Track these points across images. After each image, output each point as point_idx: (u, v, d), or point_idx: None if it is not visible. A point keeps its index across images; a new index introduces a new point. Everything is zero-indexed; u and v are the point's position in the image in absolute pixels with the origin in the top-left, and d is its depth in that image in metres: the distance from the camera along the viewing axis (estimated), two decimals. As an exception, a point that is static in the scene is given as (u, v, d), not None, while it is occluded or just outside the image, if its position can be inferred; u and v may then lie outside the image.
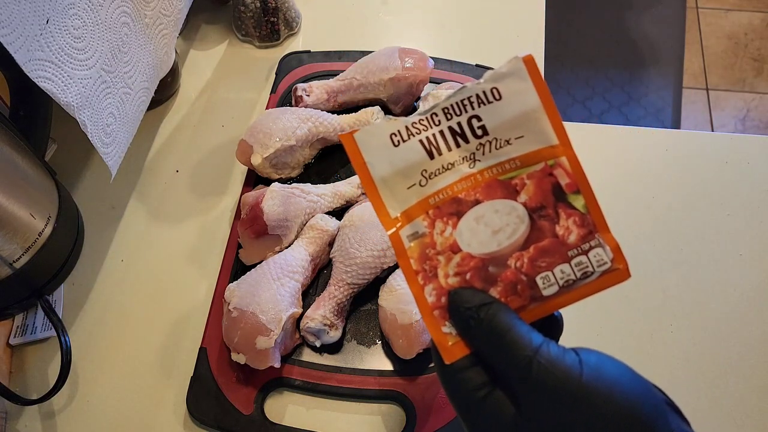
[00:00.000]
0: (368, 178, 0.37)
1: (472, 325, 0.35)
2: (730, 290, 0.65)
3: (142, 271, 0.68)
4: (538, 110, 0.37)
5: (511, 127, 0.37)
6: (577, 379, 0.32)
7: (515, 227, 0.36)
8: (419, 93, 0.73)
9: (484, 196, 0.37)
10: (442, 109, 0.37)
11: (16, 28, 0.47)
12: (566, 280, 0.36)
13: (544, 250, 0.36)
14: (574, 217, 0.36)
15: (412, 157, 0.37)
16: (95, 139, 0.59)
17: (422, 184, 0.37)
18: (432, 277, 0.37)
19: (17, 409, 0.60)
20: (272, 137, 0.66)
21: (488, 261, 0.36)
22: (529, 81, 0.37)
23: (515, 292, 0.36)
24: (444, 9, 0.88)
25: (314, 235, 0.63)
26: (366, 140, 0.37)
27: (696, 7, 2.12)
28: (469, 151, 0.37)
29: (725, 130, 1.87)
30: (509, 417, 0.33)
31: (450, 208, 0.37)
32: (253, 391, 0.58)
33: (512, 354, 0.33)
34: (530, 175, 0.37)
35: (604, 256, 0.36)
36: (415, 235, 0.37)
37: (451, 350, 0.36)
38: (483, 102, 0.37)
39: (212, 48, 0.86)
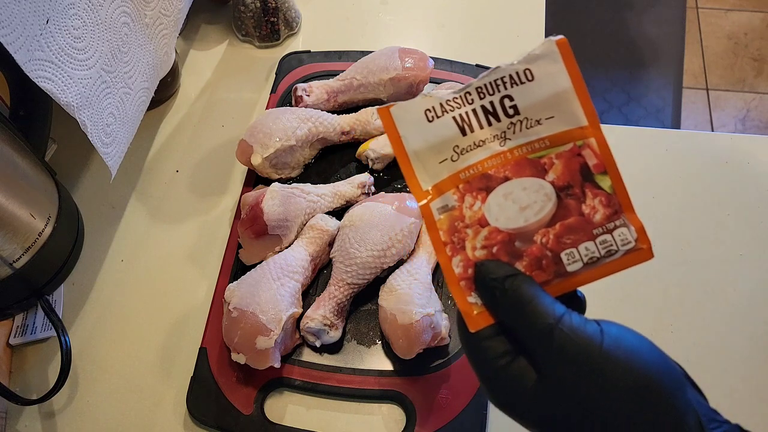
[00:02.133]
0: (402, 151, 0.39)
1: (497, 295, 0.36)
2: (730, 290, 0.65)
3: (142, 271, 0.68)
4: (569, 92, 0.38)
5: (542, 108, 0.38)
6: (597, 348, 0.33)
7: (542, 205, 0.38)
8: (419, 93, 0.73)
9: (514, 173, 0.38)
10: (475, 88, 0.38)
11: (16, 28, 0.47)
12: (590, 257, 0.37)
13: (569, 227, 0.37)
14: (601, 197, 0.38)
15: (445, 132, 0.38)
16: (95, 139, 0.59)
17: (454, 160, 0.38)
18: (460, 249, 0.38)
19: (17, 409, 0.60)
20: (272, 137, 0.66)
21: (515, 236, 0.38)
22: (562, 63, 0.38)
23: (540, 267, 0.37)
24: (444, 9, 0.88)
25: (314, 235, 0.63)
26: (401, 115, 0.39)
27: (696, 7, 2.12)
28: (500, 130, 0.38)
29: (725, 130, 1.87)
30: (530, 383, 0.34)
31: (480, 183, 0.38)
32: (253, 391, 0.58)
33: (535, 322, 0.34)
34: (559, 154, 0.38)
35: (629, 235, 0.37)
36: (445, 208, 0.38)
37: (476, 319, 0.37)
38: (515, 82, 0.38)
39: (212, 48, 0.86)
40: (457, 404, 0.57)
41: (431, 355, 0.59)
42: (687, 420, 0.32)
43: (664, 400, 0.32)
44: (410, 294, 0.57)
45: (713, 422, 0.33)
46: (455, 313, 0.61)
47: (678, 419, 0.32)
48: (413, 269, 0.60)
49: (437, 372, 0.58)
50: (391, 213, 0.61)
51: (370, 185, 0.68)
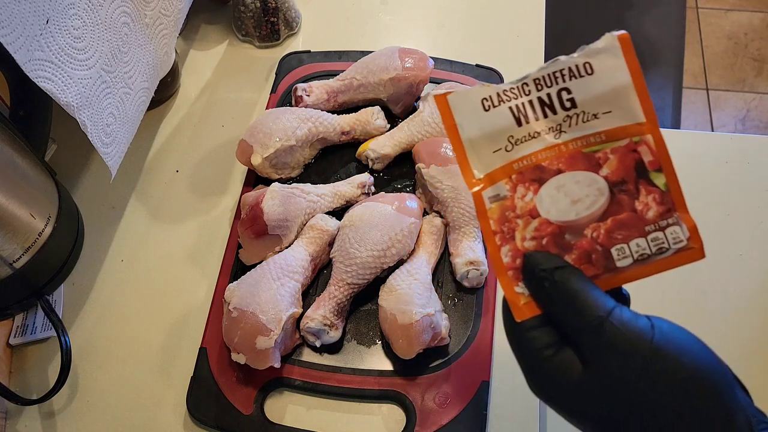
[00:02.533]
0: (457, 138, 0.39)
1: (546, 287, 0.36)
2: (730, 290, 0.65)
3: (142, 271, 0.68)
4: (628, 87, 0.38)
5: (600, 102, 0.38)
6: (648, 342, 0.33)
7: (595, 199, 0.38)
8: (419, 93, 0.73)
9: (567, 166, 0.38)
10: (533, 79, 0.38)
11: (16, 28, 0.47)
12: (641, 254, 0.37)
13: (621, 223, 0.37)
14: (654, 194, 0.38)
15: (501, 122, 0.38)
16: (95, 139, 0.59)
17: (508, 150, 0.38)
18: (509, 239, 0.38)
19: (17, 409, 0.60)
20: (272, 137, 0.66)
21: (565, 229, 0.38)
22: (622, 58, 0.38)
23: (589, 261, 0.37)
24: (444, 9, 0.88)
25: (314, 235, 0.63)
26: (458, 102, 0.39)
27: (696, 7, 2.12)
28: (555, 122, 0.38)
29: (725, 130, 1.87)
30: (576, 375, 0.34)
31: (533, 174, 0.38)
32: (253, 391, 0.58)
33: (585, 314, 0.34)
34: (614, 150, 0.38)
35: (681, 234, 0.38)
36: (497, 198, 0.38)
37: (522, 309, 0.37)
38: (574, 75, 0.38)
39: (212, 48, 0.86)
40: (457, 404, 0.57)
41: (431, 355, 0.59)
42: (737, 418, 0.32)
43: (715, 397, 0.32)
44: (410, 294, 0.57)
45: (761, 424, 0.33)
46: (455, 314, 0.61)
47: (728, 417, 0.32)
48: (413, 269, 0.60)
49: (437, 372, 0.58)
50: (391, 213, 0.61)
51: (370, 185, 0.68)
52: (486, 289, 0.63)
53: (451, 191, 0.63)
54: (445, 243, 0.65)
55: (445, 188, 0.63)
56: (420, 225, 0.64)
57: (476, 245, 0.62)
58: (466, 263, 0.61)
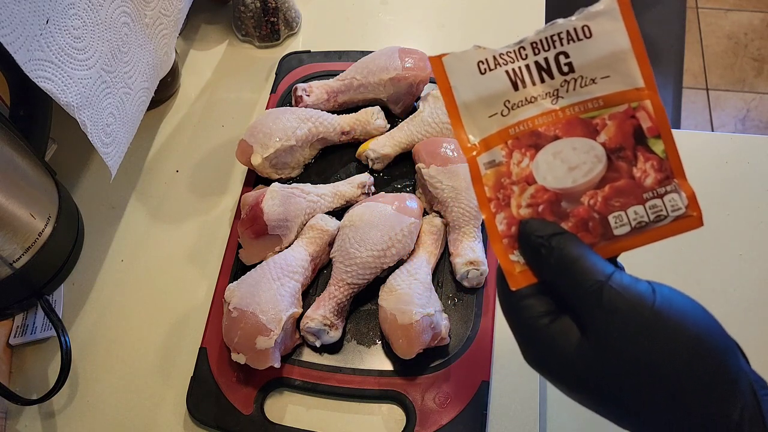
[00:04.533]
0: (452, 101, 0.38)
1: (542, 253, 0.35)
2: (730, 290, 0.65)
3: (142, 271, 0.68)
4: (627, 52, 0.37)
5: (598, 67, 0.37)
6: (649, 306, 0.32)
7: (592, 166, 0.37)
8: (419, 93, 0.73)
9: (564, 132, 0.37)
10: (530, 43, 0.37)
11: (16, 28, 0.47)
12: (639, 222, 0.37)
13: (619, 190, 0.37)
14: (653, 161, 0.37)
15: (497, 86, 0.37)
16: (95, 139, 0.59)
17: (504, 114, 0.38)
18: (504, 206, 0.37)
19: (17, 409, 0.60)
20: (272, 137, 0.66)
21: (562, 196, 0.37)
22: (621, 21, 0.37)
23: (586, 229, 0.37)
24: (444, 9, 0.88)
25: (314, 235, 0.63)
26: (454, 64, 0.38)
27: (696, 7, 2.12)
28: (552, 87, 0.37)
29: (725, 130, 1.87)
30: (573, 342, 0.33)
31: (529, 140, 0.37)
32: (253, 391, 0.58)
33: (583, 279, 0.33)
34: (612, 115, 0.37)
35: (679, 201, 0.37)
36: (492, 164, 0.37)
37: (517, 278, 0.36)
38: (572, 39, 0.37)
39: (212, 48, 0.86)
40: (457, 404, 0.57)
41: (431, 355, 0.59)
42: (740, 383, 0.31)
43: (718, 362, 0.31)
44: (410, 294, 0.57)
45: (763, 389, 0.32)
46: (455, 314, 0.61)
47: (731, 381, 0.31)
48: (413, 269, 0.60)
49: (437, 372, 0.58)
50: (391, 213, 0.61)
51: (370, 185, 0.68)
52: (486, 289, 0.62)
53: (451, 191, 0.63)
54: (445, 243, 0.65)
55: (445, 188, 0.63)
56: (420, 225, 0.64)
57: (476, 245, 0.62)
58: (466, 263, 0.61)
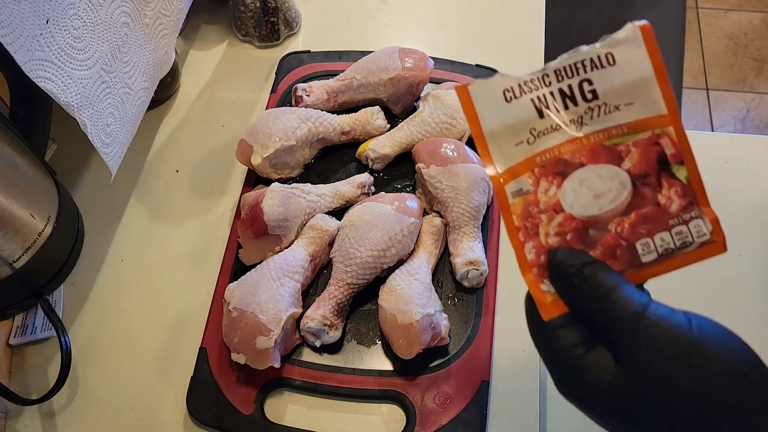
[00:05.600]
0: (478, 130, 0.38)
1: (575, 283, 0.35)
2: (730, 290, 0.65)
3: (142, 271, 0.68)
4: (650, 79, 0.37)
5: (622, 94, 0.37)
6: (687, 336, 0.32)
7: (617, 193, 0.37)
8: (419, 93, 0.73)
9: (589, 159, 0.37)
10: (554, 70, 0.38)
11: (16, 28, 0.47)
12: (665, 249, 0.37)
13: (645, 217, 0.37)
14: (676, 187, 0.37)
15: (523, 114, 0.38)
16: (95, 139, 0.59)
17: (530, 142, 0.38)
18: (533, 235, 0.37)
19: (17, 409, 0.60)
20: (272, 137, 0.66)
21: (589, 224, 0.37)
22: (644, 49, 0.37)
23: (614, 257, 0.37)
24: (444, 9, 0.88)
25: (314, 235, 0.63)
26: (479, 93, 0.38)
27: (696, 7, 2.12)
28: (577, 114, 0.38)
29: (725, 130, 1.87)
30: (609, 373, 0.33)
31: (556, 168, 0.37)
32: (253, 391, 0.58)
33: (620, 310, 0.33)
34: (636, 142, 0.37)
35: (704, 227, 0.37)
36: (519, 192, 0.38)
37: (549, 307, 0.36)
38: (596, 66, 0.37)
39: (212, 48, 0.86)
40: (457, 404, 0.57)
41: (431, 355, 0.59)
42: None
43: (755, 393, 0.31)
44: (410, 294, 0.57)
45: None
46: (455, 314, 0.61)
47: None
48: (413, 269, 0.60)
49: (437, 372, 0.58)
50: (391, 213, 0.61)
51: (370, 185, 0.68)
52: (486, 289, 0.63)
53: (451, 191, 0.63)
54: (445, 243, 0.65)
55: (445, 188, 0.63)
56: (420, 225, 0.64)
57: (476, 245, 0.62)
58: (466, 263, 0.61)
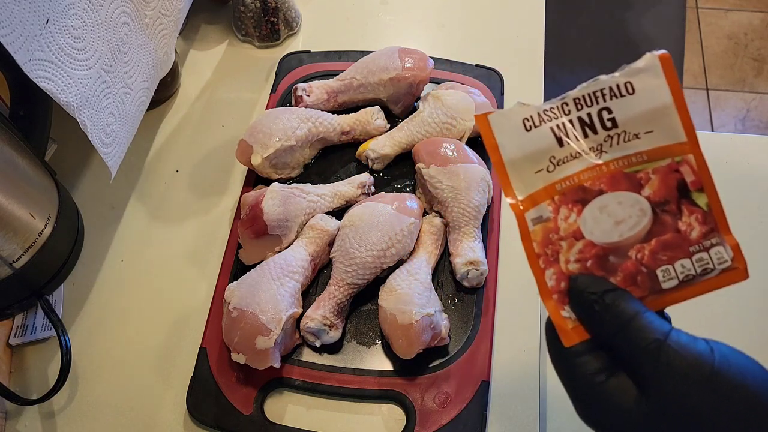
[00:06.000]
0: (498, 158, 0.39)
1: (596, 310, 0.35)
2: (730, 290, 0.65)
3: (142, 271, 0.68)
4: (669, 107, 0.37)
5: (641, 122, 0.38)
6: (709, 365, 0.32)
7: (638, 220, 0.37)
8: (419, 93, 0.73)
9: (609, 187, 0.38)
10: (573, 99, 0.38)
11: (16, 28, 0.47)
12: (686, 275, 0.37)
13: (666, 243, 0.37)
14: (697, 214, 0.37)
15: (542, 142, 0.38)
16: (95, 139, 0.59)
17: (550, 170, 0.38)
18: (553, 262, 0.38)
19: (17, 409, 0.60)
20: (272, 137, 0.66)
21: (609, 250, 0.37)
22: (663, 78, 0.38)
23: (635, 283, 0.37)
24: (444, 9, 0.88)
25: (314, 235, 0.63)
26: (499, 122, 0.38)
27: (696, 7, 2.12)
28: (596, 142, 0.38)
29: (725, 130, 1.87)
30: (631, 400, 0.33)
31: (575, 195, 0.38)
32: (253, 391, 0.58)
33: (641, 338, 0.34)
34: (656, 170, 0.38)
35: (725, 254, 0.38)
36: (539, 219, 0.38)
37: (570, 334, 0.37)
38: (615, 95, 0.38)
39: (212, 48, 0.86)
40: (457, 404, 0.57)
41: (431, 355, 0.59)
42: None
43: None
44: (410, 294, 0.57)
45: None
46: (455, 314, 0.61)
47: None
48: (413, 269, 0.60)
49: (437, 372, 0.58)
50: (391, 213, 0.61)
51: (370, 185, 0.68)
52: (486, 289, 0.63)
53: (451, 191, 0.63)
54: (445, 243, 0.65)
55: (445, 188, 0.63)
56: (420, 225, 0.64)
57: (476, 245, 0.62)
58: (466, 263, 0.61)
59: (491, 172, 0.67)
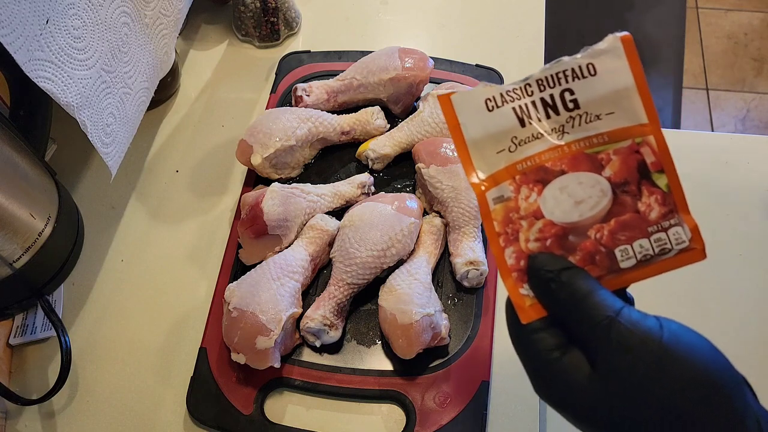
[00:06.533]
0: (461, 139, 0.39)
1: (552, 288, 0.36)
2: (730, 290, 0.65)
3: (142, 271, 0.68)
4: (630, 89, 0.38)
5: (603, 103, 0.38)
6: (657, 341, 0.33)
7: (597, 200, 0.38)
8: (419, 93, 0.73)
9: (570, 167, 0.38)
10: (536, 80, 0.38)
11: (16, 28, 0.47)
12: (644, 255, 0.38)
13: (624, 223, 0.37)
14: (657, 195, 0.38)
15: (504, 123, 0.38)
16: (95, 139, 0.59)
17: (511, 150, 0.38)
18: (513, 240, 0.38)
19: (17, 409, 0.60)
20: (272, 137, 0.66)
21: (569, 230, 0.38)
22: (625, 60, 0.38)
23: (593, 262, 0.37)
24: (444, 9, 0.88)
25: (314, 235, 0.63)
26: (462, 102, 0.39)
27: (696, 7, 2.12)
28: (558, 123, 0.38)
29: (725, 130, 1.87)
30: (584, 377, 0.34)
31: (536, 175, 0.38)
32: (253, 391, 0.58)
33: (593, 315, 0.34)
34: (617, 150, 0.38)
35: (683, 235, 0.38)
36: (500, 199, 0.38)
37: (528, 311, 0.37)
38: (577, 76, 0.38)
39: (212, 48, 0.86)
40: (457, 404, 0.57)
41: (431, 355, 0.59)
42: (747, 421, 0.32)
43: (725, 398, 0.32)
44: (410, 294, 0.57)
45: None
46: (455, 314, 0.61)
47: (738, 418, 0.32)
48: (413, 269, 0.60)
49: (437, 372, 0.58)
50: (391, 213, 0.61)
51: (370, 185, 0.68)
52: (486, 289, 0.63)
53: (451, 191, 0.63)
54: (445, 243, 0.65)
55: (445, 188, 0.63)
56: (420, 225, 0.64)
57: (476, 245, 0.62)
58: (466, 263, 0.61)
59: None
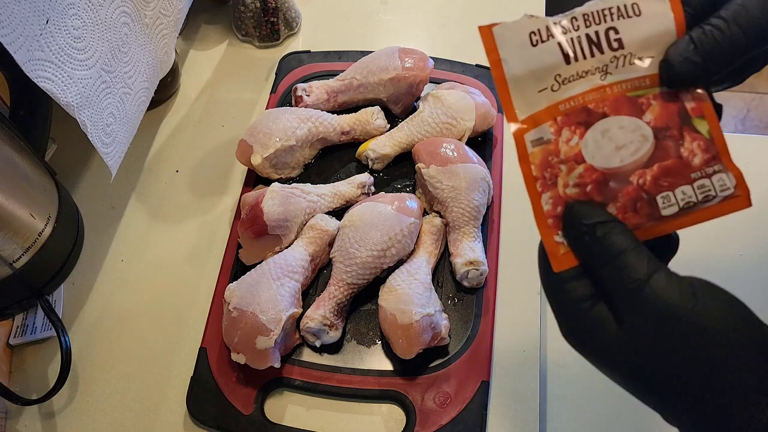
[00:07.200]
0: (501, 75, 0.37)
1: (586, 241, 0.35)
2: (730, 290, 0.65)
3: (142, 271, 0.68)
4: (672, 34, 0.37)
5: (646, 46, 0.37)
6: (686, 312, 0.32)
7: (639, 145, 0.36)
8: (419, 93, 0.73)
9: (612, 110, 0.36)
10: (582, 14, 0.37)
11: (16, 28, 0.47)
12: (687, 202, 0.36)
13: (667, 169, 0.36)
14: (699, 141, 0.36)
15: (548, 59, 0.37)
16: (95, 139, 0.59)
17: (554, 89, 0.37)
18: (551, 186, 0.37)
19: (17, 409, 0.60)
20: (272, 137, 0.66)
21: (610, 176, 0.36)
22: (668, 3, 0.37)
23: (634, 209, 0.36)
24: (444, 9, 0.88)
25: (314, 235, 0.63)
26: (504, 35, 0.37)
27: (696, 7, 2.11)
28: (602, 63, 0.37)
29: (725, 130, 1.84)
30: (611, 332, 0.34)
31: (579, 117, 0.36)
32: (253, 391, 0.58)
33: (623, 276, 0.33)
34: (656, 95, 0.37)
35: (728, 181, 0.37)
36: (540, 141, 0.37)
37: (560, 259, 0.36)
38: (622, 15, 0.37)
39: (212, 48, 0.86)
40: (457, 404, 0.57)
41: (431, 355, 0.59)
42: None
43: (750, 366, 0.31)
44: (410, 294, 0.57)
45: None
46: (455, 314, 0.61)
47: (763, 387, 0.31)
48: (413, 269, 0.60)
49: (437, 372, 0.58)
50: (391, 213, 0.61)
51: (370, 185, 0.68)
52: (486, 289, 0.63)
53: (451, 191, 0.63)
54: (445, 243, 0.65)
55: (445, 188, 0.63)
56: (420, 225, 0.64)
57: (476, 245, 0.62)
58: (466, 263, 0.61)
59: (491, 171, 0.67)
